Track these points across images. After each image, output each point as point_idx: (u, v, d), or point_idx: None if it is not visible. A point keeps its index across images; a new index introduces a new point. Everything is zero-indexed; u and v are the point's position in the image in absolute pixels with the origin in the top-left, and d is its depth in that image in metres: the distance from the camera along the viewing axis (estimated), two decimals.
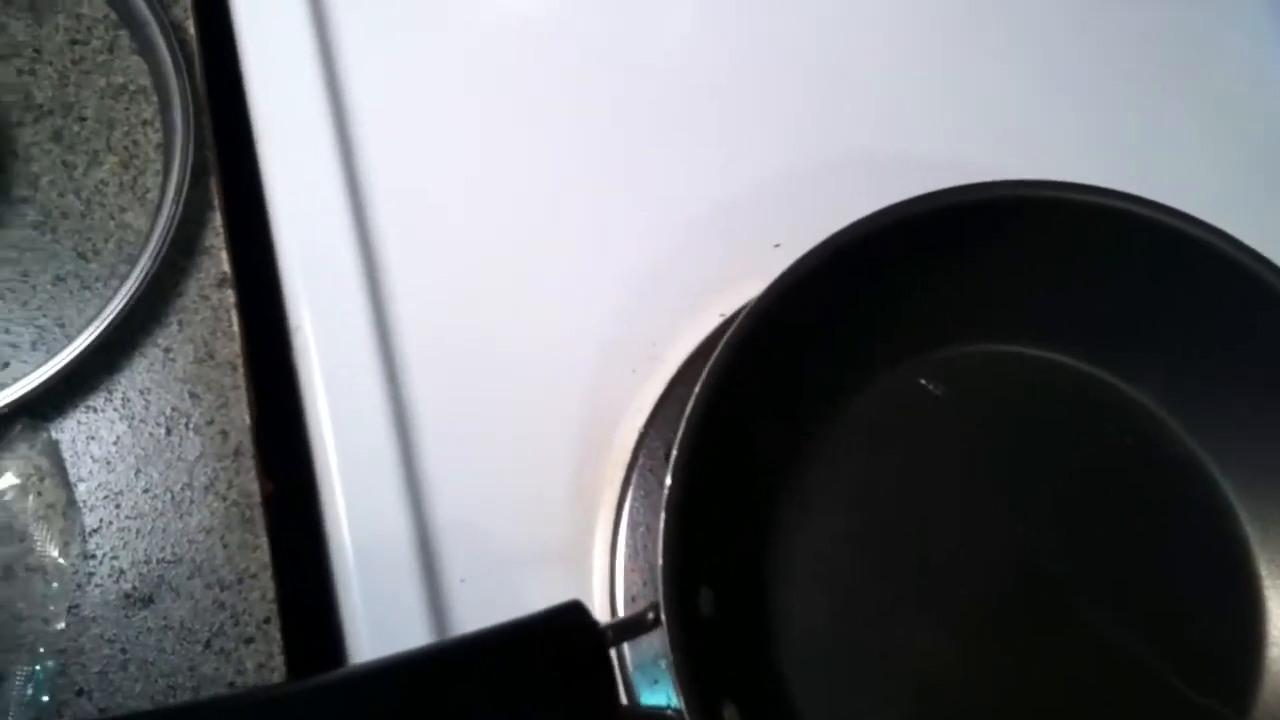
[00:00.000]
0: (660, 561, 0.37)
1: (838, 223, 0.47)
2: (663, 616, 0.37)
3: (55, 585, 0.42)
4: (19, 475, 0.43)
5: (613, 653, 0.36)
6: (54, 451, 0.43)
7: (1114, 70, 0.57)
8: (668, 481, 0.38)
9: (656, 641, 0.41)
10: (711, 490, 0.40)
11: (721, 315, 0.50)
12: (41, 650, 0.41)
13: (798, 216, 0.51)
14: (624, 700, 0.43)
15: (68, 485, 0.43)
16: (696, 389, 0.40)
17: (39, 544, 0.42)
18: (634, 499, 0.47)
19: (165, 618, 0.42)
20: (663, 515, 0.38)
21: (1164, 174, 0.49)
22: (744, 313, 0.42)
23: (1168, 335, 0.47)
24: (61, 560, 0.42)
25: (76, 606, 0.42)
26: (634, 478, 0.47)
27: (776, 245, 0.51)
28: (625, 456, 0.48)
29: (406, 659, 0.34)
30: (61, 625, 0.41)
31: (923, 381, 0.48)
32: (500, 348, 0.48)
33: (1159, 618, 0.45)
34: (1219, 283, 0.45)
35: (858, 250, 0.44)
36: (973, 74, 0.56)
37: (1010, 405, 0.49)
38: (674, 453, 0.39)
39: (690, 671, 0.37)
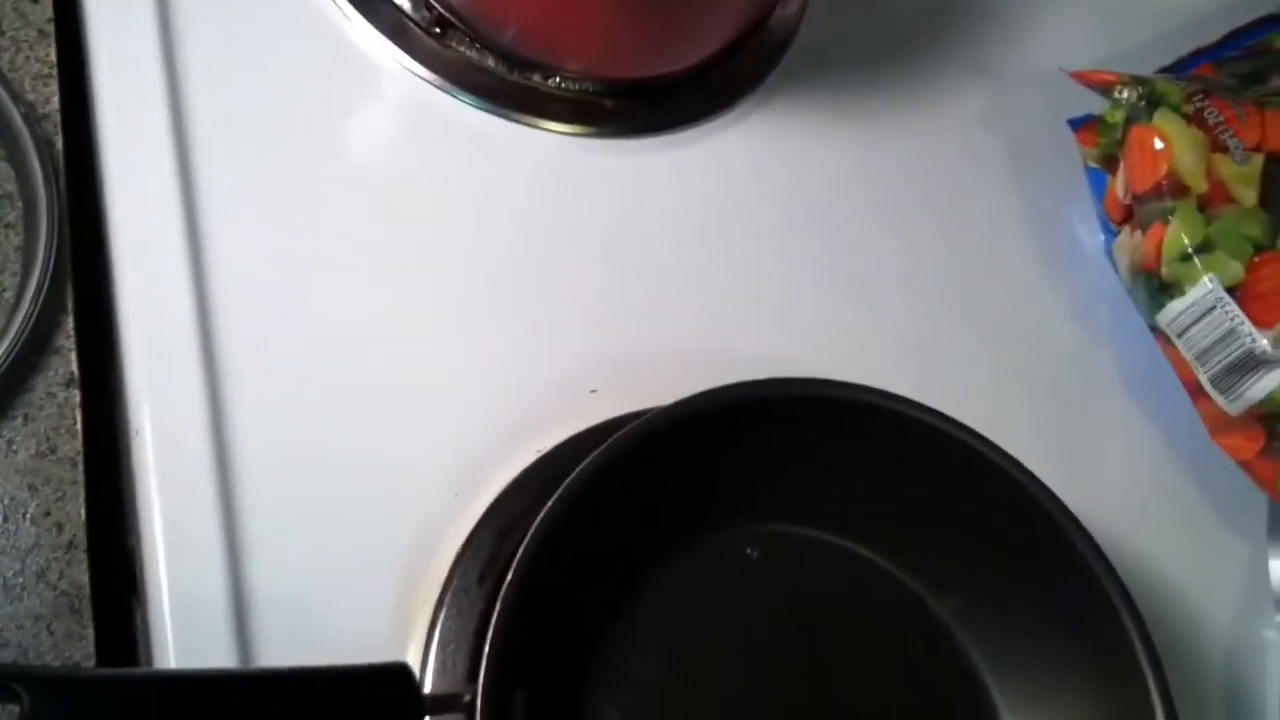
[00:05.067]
0: (487, 646, 0.43)
1: (650, 378, 0.56)
2: (478, 698, 0.43)
3: None
4: None
5: None
6: None
7: (911, 281, 0.68)
8: (513, 567, 0.45)
9: None
10: (542, 599, 0.47)
11: (538, 451, 0.57)
12: None
13: (613, 369, 0.60)
14: None
15: None
16: (545, 508, 0.48)
17: None
18: (446, 618, 0.53)
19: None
20: (498, 604, 0.44)
21: (940, 378, 0.60)
22: (588, 461, 0.50)
23: (973, 556, 0.56)
24: None
25: None
26: (448, 598, 0.54)
27: (593, 391, 0.59)
28: (441, 577, 0.54)
29: (221, 674, 0.40)
30: None
31: (747, 550, 0.57)
32: (333, 465, 0.54)
33: None
34: (1005, 505, 0.55)
35: (700, 420, 0.53)
36: (782, 277, 0.66)
37: (819, 587, 0.57)
38: (523, 543, 0.45)
39: None
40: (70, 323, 0.53)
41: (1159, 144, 0.66)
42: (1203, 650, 0.63)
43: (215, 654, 0.49)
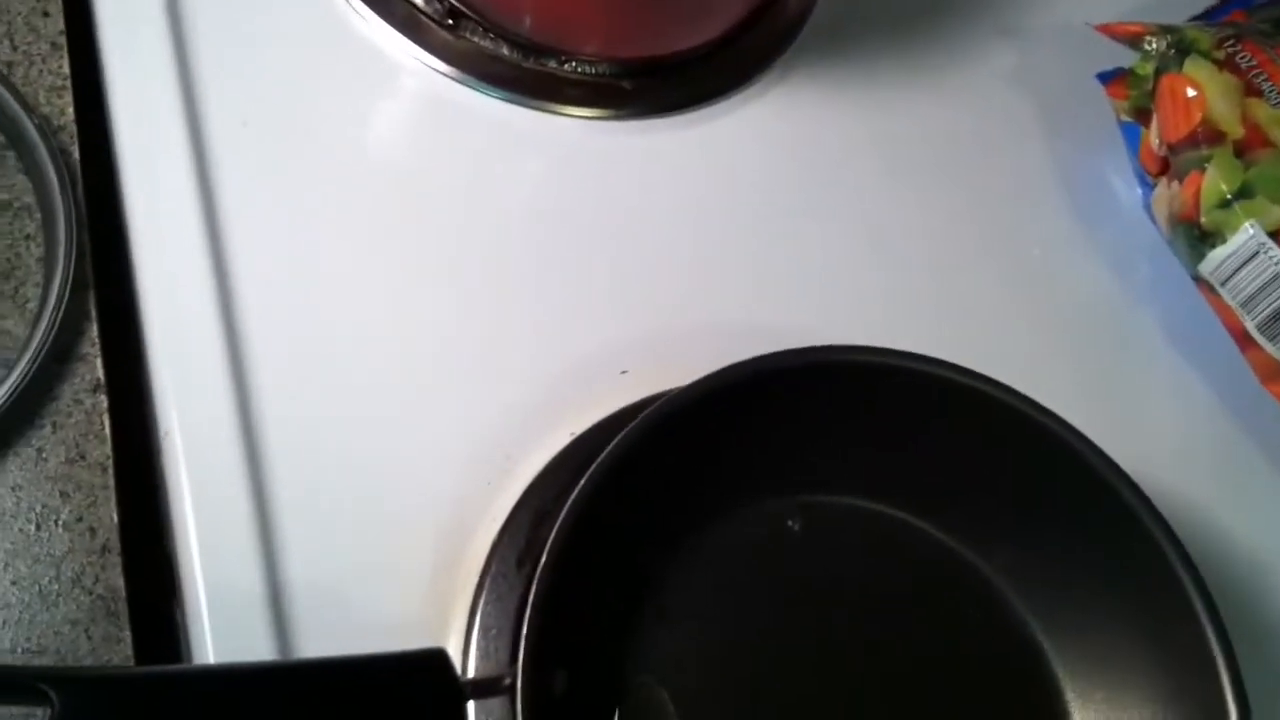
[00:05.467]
0: (524, 628, 0.43)
1: (680, 357, 0.55)
2: (518, 680, 0.43)
3: None
4: None
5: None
6: None
7: (944, 246, 0.67)
8: (547, 547, 0.45)
9: None
10: (579, 579, 0.46)
11: (571, 433, 0.56)
12: None
13: (642, 350, 0.60)
14: None
15: None
16: (583, 480, 0.47)
17: None
18: (486, 603, 0.53)
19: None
20: (534, 586, 0.44)
21: (975, 340, 0.58)
22: (617, 440, 0.50)
23: (1019, 515, 0.55)
24: None
25: None
26: (487, 583, 0.53)
27: (623, 372, 0.59)
28: (479, 563, 0.54)
29: (254, 667, 0.40)
30: None
31: (788, 522, 0.56)
32: (364, 457, 0.54)
33: None
34: (1053, 465, 0.54)
35: (726, 394, 0.52)
36: (811, 248, 0.65)
37: (863, 556, 0.56)
38: (556, 524, 0.45)
39: None
40: (94, 329, 0.53)
41: (1191, 92, 0.65)
42: (1261, 599, 0.61)
43: (254, 651, 0.49)
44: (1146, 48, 0.68)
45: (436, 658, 0.44)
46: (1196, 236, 0.64)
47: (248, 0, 0.62)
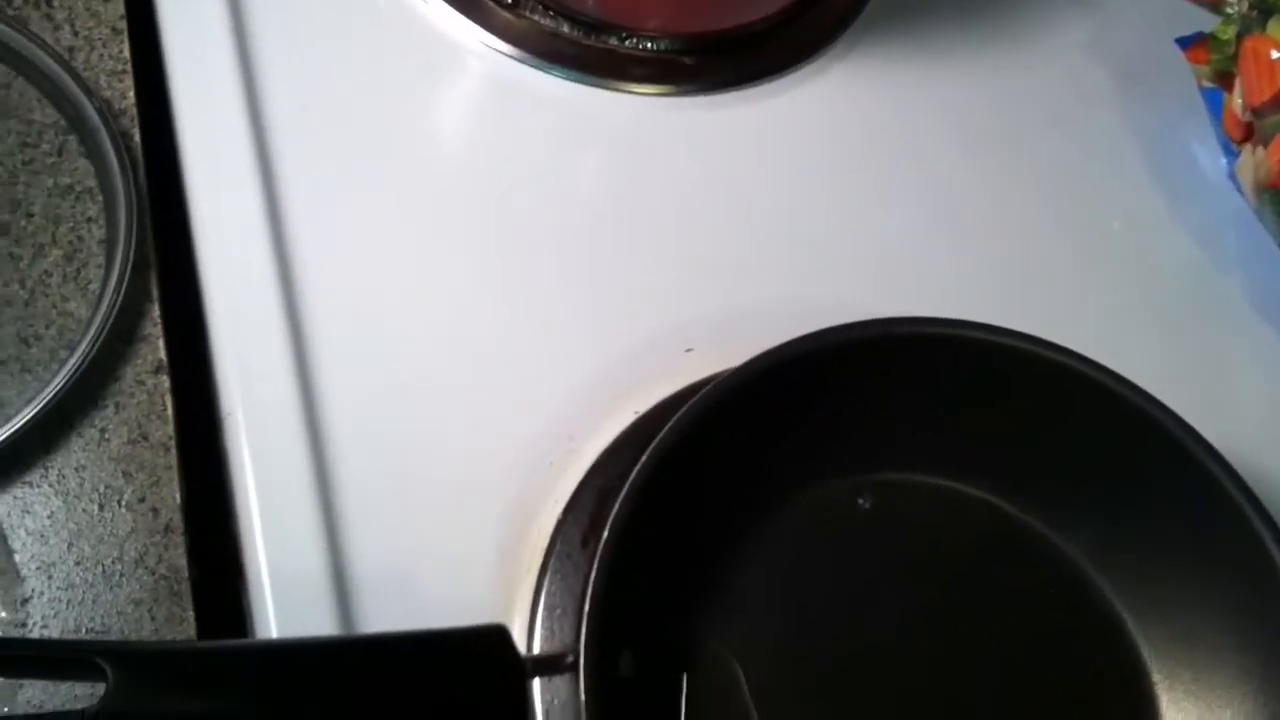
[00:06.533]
0: (586, 605, 0.42)
1: (746, 334, 0.54)
2: (581, 658, 0.42)
3: None
4: None
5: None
6: None
7: (1021, 219, 0.66)
8: (609, 523, 0.44)
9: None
10: (643, 558, 0.46)
11: (635, 412, 0.56)
12: None
13: (707, 327, 0.59)
14: None
15: (9, 554, 0.47)
16: (650, 449, 0.47)
17: None
18: (551, 583, 0.52)
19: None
20: (595, 564, 0.43)
21: (1054, 315, 0.57)
22: (678, 416, 0.49)
23: (1100, 492, 0.54)
24: None
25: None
26: (551, 563, 0.53)
27: (688, 350, 0.58)
28: (543, 543, 0.53)
29: (312, 642, 0.40)
30: None
31: (859, 500, 0.55)
32: (427, 437, 0.53)
33: None
34: (1137, 441, 0.52)
35: (790, 369, 0.51)
36: (879, 221, 0.64)
37: (939, 536, 0.55)
38: (620, 496, 0.44)
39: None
40: (156, 310, 0.53)
41: (1276, 54, 0.63)
42: None
43: (318, 630, 0.49)
44: (1228, 10, 0.66)
45: (497, 633, 0.44)
46: None
47: None
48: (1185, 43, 0.68)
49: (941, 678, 0.52)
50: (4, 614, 0.46)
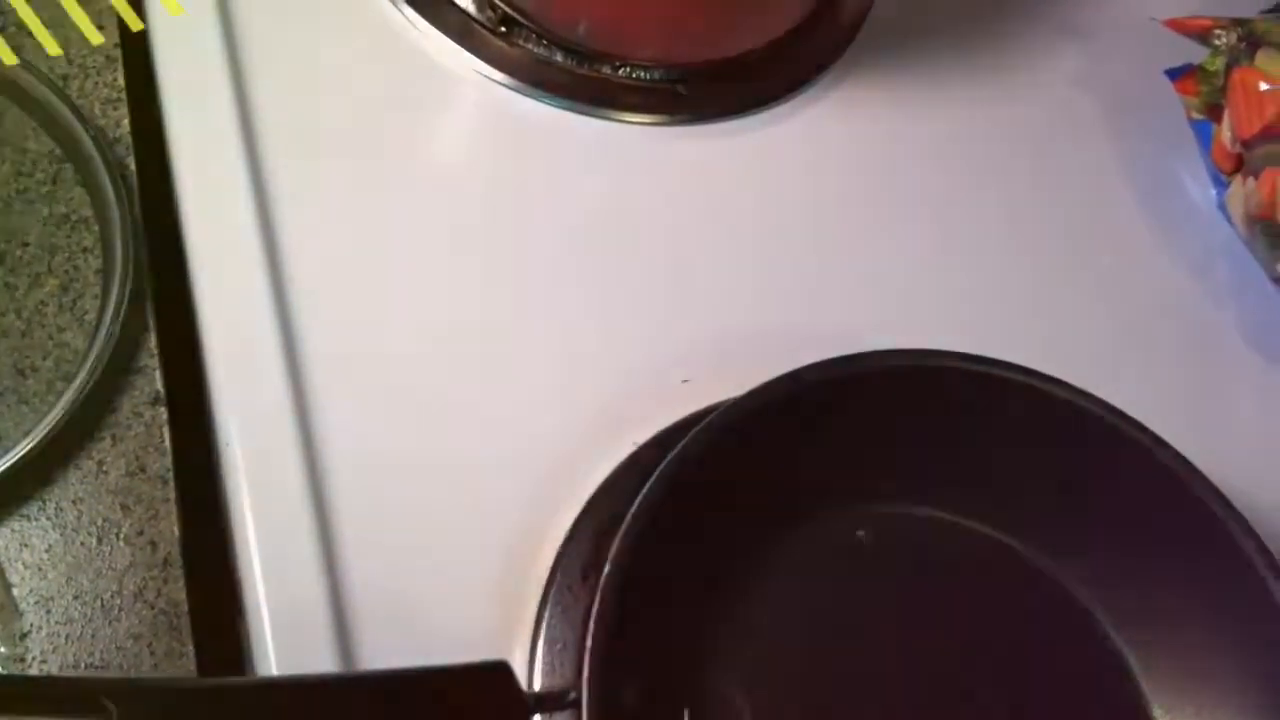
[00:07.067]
0: (589, 642, 0.42)
1: (742, 365, 0.55)
2: (584, 694, 0.42)
3: None
4: None
5: None
6: None
7: (1013, 249, 0.66)
8: (611, 555, 0.44)
9: None
10: (644, 591, 0.46)
11: (634, 443, 0.56)
12: None
13: (703, 358, 0.59)
14: None
15: (7, 588, 0.47)
16: (651, 480, 0.47)
17: None
18: (552, 616, 0.52)
19: None
20: (596, 599, 0.43)
21: (1046, 345, 0.57)
22: (677, 449, 0.49)
23: (1100, 526, 0.54)
24: None
25: None
26: (552, 595, 0.53)
27: (685, 380, 0.58)
28: (544, 575, 0.53)
29: (315, 678, 0.39)
30: None
31: (858, 533, 0.55)
32: (424, 468, 0.53)
33: None
34: (1134, 474, 0.53)
35: (786, 402, 0.52)
36: (875, 251, 0.64)
37: (939, 570, 0.55)
38: (623, 526, 0.44)
39: None
40: (153, 341, 0.53)
41: (1265, 85, 0.64)
42: None
43: (318, 664, 0.48)
44: (1216, 42, 0.66)
45: (500, 670, 0.44)
46: (1275, 235, 0.63)
47: (301, 11, 0.62)
48: (1175, 74, 0.69)
49: (943, 712, 0.53)
50: (3, 649, 0.46)
